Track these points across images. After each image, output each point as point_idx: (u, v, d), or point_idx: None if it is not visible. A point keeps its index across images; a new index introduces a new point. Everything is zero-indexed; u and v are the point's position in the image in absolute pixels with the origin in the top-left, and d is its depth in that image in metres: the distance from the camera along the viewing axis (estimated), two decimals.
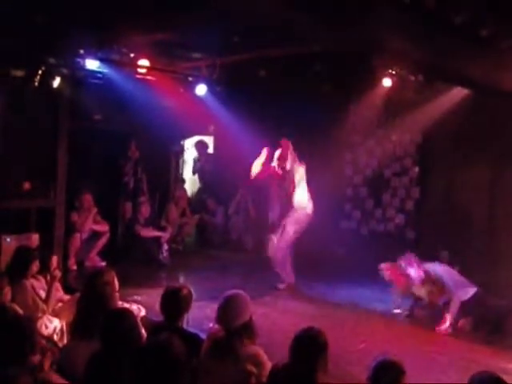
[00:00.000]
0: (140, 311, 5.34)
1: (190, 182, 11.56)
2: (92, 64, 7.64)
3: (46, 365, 3.48)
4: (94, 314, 3.95)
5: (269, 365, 3.44)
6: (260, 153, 7.76)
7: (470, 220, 8.29)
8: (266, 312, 6.29)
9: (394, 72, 8.16)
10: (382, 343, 5.45)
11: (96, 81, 8.17)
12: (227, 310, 3.62)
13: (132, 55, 7.89)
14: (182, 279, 8.22)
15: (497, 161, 7.97)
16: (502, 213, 8.04)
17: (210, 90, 8.91)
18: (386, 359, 3.01)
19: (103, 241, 8.60)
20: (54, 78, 7.47)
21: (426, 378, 4.57)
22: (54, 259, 5.74)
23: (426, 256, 8.73)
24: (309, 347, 3.12)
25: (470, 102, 7.98)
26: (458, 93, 8.11)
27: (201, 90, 8.76)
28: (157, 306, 4.21)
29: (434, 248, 8.80)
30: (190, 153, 11.66)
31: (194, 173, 11.40)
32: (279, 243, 7.51)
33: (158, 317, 4.27)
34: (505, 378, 2.69)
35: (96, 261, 8.45)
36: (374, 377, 2.95)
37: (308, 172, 9.47)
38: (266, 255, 7.74)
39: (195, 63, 8.40)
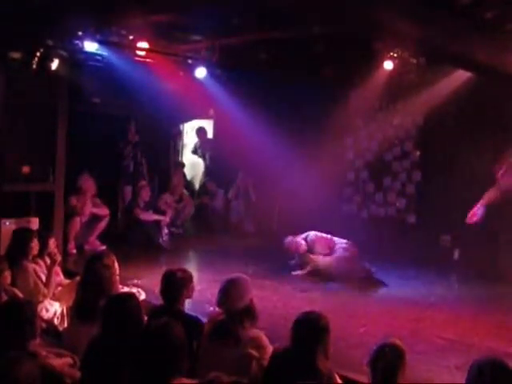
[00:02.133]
0: (140, 295, 5.34)
1: (190, 166, 11.51)
2: (91, 46, 7.58)
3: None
4: (94, 297, 3.95)
5: (270, 348, 3.43)
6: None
7: (472, 204, 8.25)
8: (267, 295, 6.29)
9: (395, 55, 8.07)
10: (383, 327, 5.44)
11: (95, 63, 8.12)
12: (228, 294, 3.61)
13: (131, 37, 7.83)
14: (181, 263, 8.20)
15: (498, 144, 7.91)
16: (502, 196, 8.01)
17: (210, 72, 8.84)
18: (386, 343, 2.99)
19: (103, 224, 8.58)
20: (52, 61, 7.38)
21: (425, 362, 4.57)
22: (52, 242, 5.72)
23: (426, 240, 8.78)
24: (309, 331, 3.11)
25: (472, 84, 7.92)
26: (460, 75, 8.03)
27: (200, 72, 8.69)
28: (157, 290, 4.21)
29: (435, 232, 8.81)
30: (189, 137, 11.61)
31: (197, 156, 11.36)
32: None
33: (158, 300, 4.27)
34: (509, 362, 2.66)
35: (96, 244, 8.44)
36: (373, 360, 2.94)
37: (310, 156, 9.47)
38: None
39: (195, 45, 8.33)
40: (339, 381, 3.33)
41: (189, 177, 11.32)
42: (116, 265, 4.50)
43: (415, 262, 8.13)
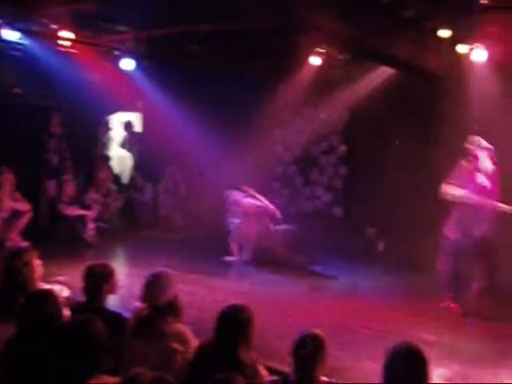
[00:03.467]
0: (63, 292, 5.17)
1: (118, 160, 11.28)
2: (11, 35, 7.29)
3: None
4: (12, 296, 3.80)
5: (194, 342, 3.42)
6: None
7: (395, 197, 8.51)
8: (194, 289, 6.28)
9: (322, 51, 8.21)
10: (310, 317, 5.53)
11: (16, 53, 7.81)
12: (151, 289, 3.57)
13: (54, 27, 7.58)
14: (108, 258, 8.03)
15: (420, 137, 8.20)
16: (425, 189, 8.30)
17: (138, 64, 8.69)
18: (306, 333, 3.04)
19: (24, 220, 8.26)
20: None
21: (349, 351, 4.69)
22: None
23: (352, 233, 9.00)
24: (231, 323, 3.12)
25: (396, 80, 8.16)
26: (385, 71, 8.27)
27: (127, 64, 8.52)
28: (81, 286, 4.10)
29: (360, 225, 9.04)
30: (116, 130, 11.36)
31: (124, 149, 11.13)
32: None
33: (83, 297, 4.16)
34: (425, 349, 2.76)
35: (17, 241, 8.11)
36: (294, 350, 2.98)
37: (239, 150, 9.49)
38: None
39: (121, 36, 8.17)
40: (265, 372, 3.35)
41: (117, 171, 11.09)
42: (37, 261, 4.35)
43: (342, 254, 8.32)
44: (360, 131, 9.28)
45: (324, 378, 3.03)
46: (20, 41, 7.54)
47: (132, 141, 11.05)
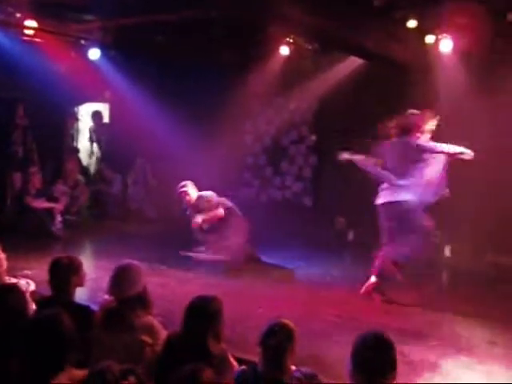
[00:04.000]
0: (29, 286, 5.09)
1: (86, 152, 11.12)
2: None
3: None
4: None
5: (163, 334, 3.40)
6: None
7: (365, 187, 8.56)
8: (165, 281, 6.23)
9: (291, 40, 8.20)
10: (280, 307, 5.53)
11: None
12: (119, 281, 3.53)
13: (18, 15, 7.41)
14: (76, 251, 7.93)
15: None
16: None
17: (105, 54, 8.57)
18: (275, 322, 3.04)
19: None
20: None
21: (319, 339, 4.72)
22: None
23: (322, 222, 9.05)
24: (200, 314, 3.10)
25: (365, 70, 8.20)
26: (354, 62, 8.30)
27: (94, 54, 8.40)
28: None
29: (330, 214, 9.09)
30: (84, 121, 11.20)
31: (91, 141, 10.97)
32: None
33: (50, 291, 4.10)
34: (395, 338, 2.79)
35: None
36: (263, 340, 2.97)
37: (209, 141, 9.43)
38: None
39: (87, 26, 8.03)
40: (234, 363, 3.35)
41: (85, 163, 10.95)
42: (2, 255, 4.27)
43: (311, 243, 8.36)
44: (329, 121, 9.31)
45: (293, 367, 3.04)
46: None
47: (100, 131, 10.90)
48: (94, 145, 11.02)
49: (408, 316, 5.58)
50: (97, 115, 10.93)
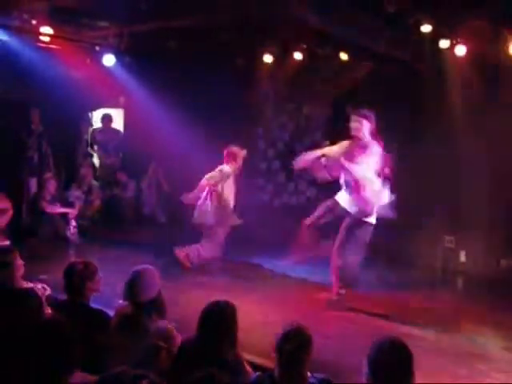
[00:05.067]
0: (45, 290, 5.12)
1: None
2: None
3: None
4: None
5: (178, 339, 3.40)
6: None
7: None
8: (179, 286, 6.25)
9: (304, 46, 8.20)
10: (296, 313, 5.52)
11: None
12: (134, 286, 3.55)
13: (34, 22, 7.48)
14: (91, 256, 7.95)
15: (400, 132, 8.23)
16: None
17: (119, 60, 8.62)
18: (290, 327, 3.00)
19: (5, 219, 8.15)
20: None
21: (335, 346, 4.71)
22: None
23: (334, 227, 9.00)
24: (215, 320, 3.10)
25: (378, 75, 8.19)
26: (368, 66, 8.29)
27: (108, 60, 8.45)
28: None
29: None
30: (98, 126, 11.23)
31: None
32: None
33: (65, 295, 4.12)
34: (408, 342, 2.77)
35: None
36: (278, 346, 2.93)
37: (222, 146, 9.44)
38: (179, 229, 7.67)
39: (102, 32, 8.10)
40: (249, 369, 3.34)
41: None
42: (18, 261, 4.30)
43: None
44: (343, 127, 9.27)
45: (308, 374, 3.02)
46: None
47: (108, 135, 10.80)
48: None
49: (417, 321, 5.54)
50: (106, 118, 10.82)
